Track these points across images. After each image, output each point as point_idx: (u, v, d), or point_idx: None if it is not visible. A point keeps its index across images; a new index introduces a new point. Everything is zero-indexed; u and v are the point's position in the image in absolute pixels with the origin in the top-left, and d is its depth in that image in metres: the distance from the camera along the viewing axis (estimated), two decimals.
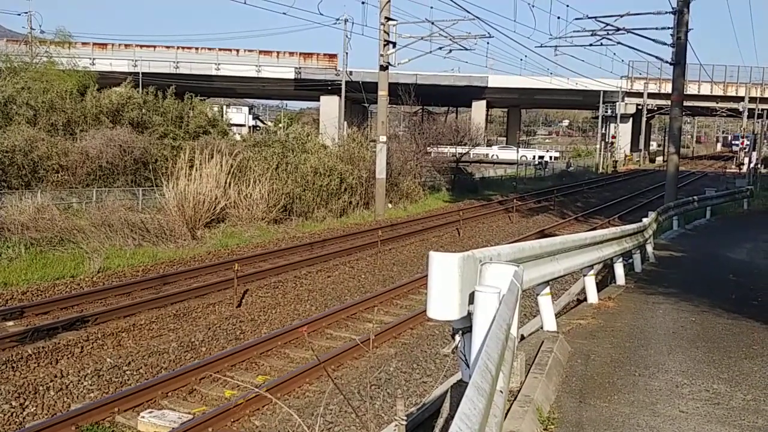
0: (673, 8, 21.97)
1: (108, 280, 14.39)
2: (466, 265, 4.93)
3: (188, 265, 16.16)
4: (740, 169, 54.13)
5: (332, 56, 61.29)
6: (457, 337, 5.18)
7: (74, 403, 8.65)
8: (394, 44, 26.04)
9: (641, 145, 77.17)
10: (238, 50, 62.25)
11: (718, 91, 63.84)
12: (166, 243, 18.10)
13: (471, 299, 4.82)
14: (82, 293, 13.06)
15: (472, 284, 4.91)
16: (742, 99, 61.78)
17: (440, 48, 27.66)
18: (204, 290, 13.77)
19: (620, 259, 11.25)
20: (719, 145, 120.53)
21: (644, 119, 69.92)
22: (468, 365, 4.96)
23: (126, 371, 9.73)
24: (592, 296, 9.65)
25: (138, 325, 11.53)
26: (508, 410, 4.81)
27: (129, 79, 34.47)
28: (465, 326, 5.00)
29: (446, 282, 4.84)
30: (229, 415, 8.04)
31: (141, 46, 61.12)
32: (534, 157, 65.82)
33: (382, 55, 25.88)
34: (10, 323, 11.17)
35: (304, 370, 9.48)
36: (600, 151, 68.72)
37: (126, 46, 61.35)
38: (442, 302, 4.87)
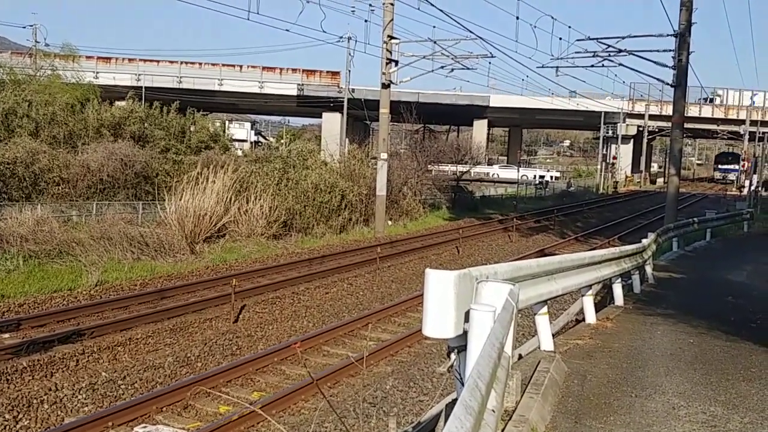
0: (674, 31, 22.03)
1: (105, 293, 14.36)
2: (463, 283, 4.92)
3: (186, 280, 16.13)
4: (741, 191, 54.15)
5: (335, 73, 61.53)
6: (453, 356, 5.15)
7: (68, 417, 8.62)
8: (397, 62, 26.13)
9: (642, 167, 77.30)
10: (241, 66, 62.50)
11: (719, 113, 64.01)
12: (165, 257, 18.07)
13: (467, 317, 4.79)
14: (79, 306, 13.02)
15: (468, 302, 4.89)
16: (743, 122, 61.92)
17: (442, 67, 27.76)
18: (201, 305, 13.73)
19: (619, 280, 11.21)
20: None
21: (645, 140, 70.08)
22: (463, 384, 4.92)
23: (121, 385, 9.69)
24: (590, 316, 9.61)
25: (134, 339, 11.48)
26: (503, 430, 4.78)
27: (131, 93, 34.56)
28: (461, 345, 4.97)
29: (442, 300, 4.82)
30: (222, 431, 7.99)
31: (145, 61, 61.41)
32: (535, 176, 65.90)
33: (384, 73, 25.98)
34: (6, 335, 11.13)
35: (299, 387, 9.43)
36: (601, 171, 68.78)
37: (130, 60, 61.64)
38: (438, 320, 4.85)
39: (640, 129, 68.40)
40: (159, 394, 9.12)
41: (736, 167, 77.27)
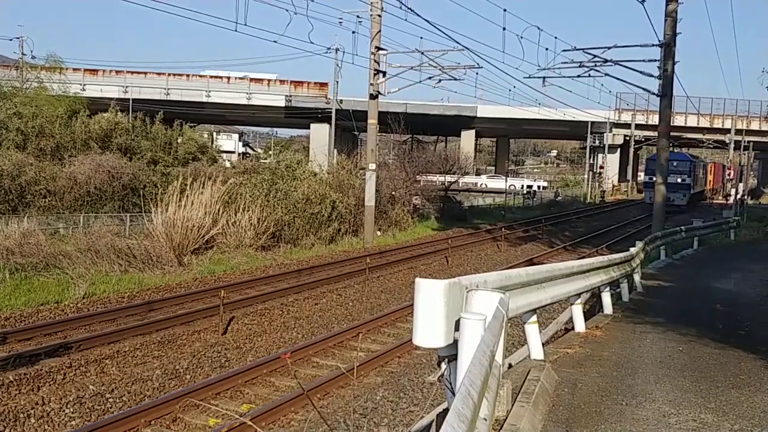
0: (660, 41, 22.20)
1: (93, 306, 14.25)
2: (452, 292, 4.91)
3: (174, 292, 16.04)
4: (727, 200, 54.50)
5: (323, 84, 61.62)
6: (443, 365, 5.13)
7: (55, 431, 8.52)
8: (384, 73, 26.19)
9: (629, 176, 77.71)
10: (229, 77, 62.50)
11: (704, 122, 64.51)
12: (153, 269, 17.98)
13: (457, 326, 4.79)
14: (66, 319, 12.92)
15: (458, 311, 4.88)
16: (728, 131, 62.50)
17: (430, 78, 27.83)
18: (189, 317, 13.65)
19: (608, 288, 11.24)
20: None
21: (632, 150, 70.52)
22: (454, 393, 4.91)
23: (109, 399, 9.60)
24: (580, 325, 9.62)
25: (122, 351, 11.40)
26: None
27: (114, 104, 34.44)
28: (451, 354, 4.96)
29: (432, 309, 4.81)
30: None
31: (132, 73, 61.30)
32: (522, 186, 66.18)
33: (372, 84, 26.03)
34: None
35: (289, 398, 9.38)
36: (588, 181, 69.14)
37: (117, 72, 61.49)
38: (428, 329, 4.84)
39: (627, 138, 68.81)
40: (147, 407, 9.04)
41: (687, 180, 50.44)
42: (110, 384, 10.03)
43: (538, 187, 70.14)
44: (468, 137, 69.19)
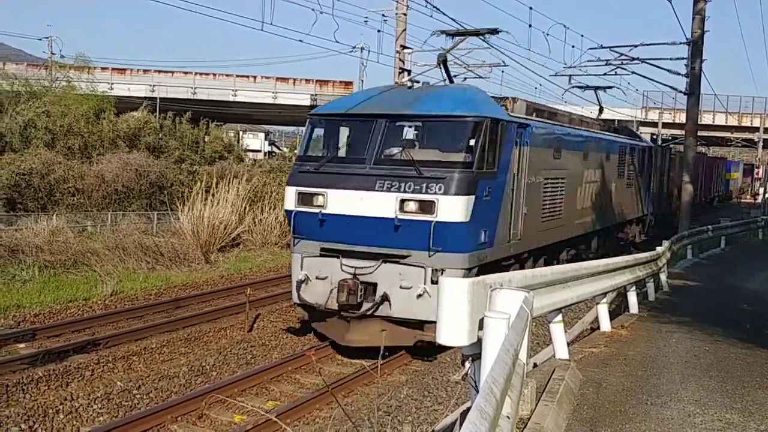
0: (687, 39, 21.97)
1: (120, 303, 14.43)
2: (477, 291, 4.93)
3: (201, 289, 16.18)
4: (755, 199, 53.78)
5: (348, 83, 61.57)
6: (468, 364, 5.16)
7: (83, 427, 8.64)
8: (409, 72, 26.13)
9: None
10: (255, 77, 62.64)
11: (732, 121, 63.56)
12: (180, 267, 18.15)
13: (481, 325, 4.80)
14: (94, 316, 13.09)
15: (482, 310, 4.90)
16: (757, 129, 61.57)
17: (455, 76, 27.70)
18: (216, 314, 13.77)
19: (634, 288, 11.16)
20: None
21: None
22: (478, 392, 4.92)
23: (136, 395, 9.71)
24: (605, 324, 9.57)
25: (149, 348, 11.52)
26: None
27: (146, 104, 34.72)
28: (475, 352, 4.98)
29: (456, 308, 4.83)
30: None
31: (159, 72, 61.67)
32: None
33: (396, 83, 26.01)
34: (22, 345, 11.21)
35: (314, 396, 9.44)
36: None
37: (144, 71, 61.91)
38: (453, 328, 4.86)
39: (654, 137, 68.05)
40: (174, 403, 9.14)
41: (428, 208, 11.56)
42: (137, 380, 10.14)
43: None
44: None
